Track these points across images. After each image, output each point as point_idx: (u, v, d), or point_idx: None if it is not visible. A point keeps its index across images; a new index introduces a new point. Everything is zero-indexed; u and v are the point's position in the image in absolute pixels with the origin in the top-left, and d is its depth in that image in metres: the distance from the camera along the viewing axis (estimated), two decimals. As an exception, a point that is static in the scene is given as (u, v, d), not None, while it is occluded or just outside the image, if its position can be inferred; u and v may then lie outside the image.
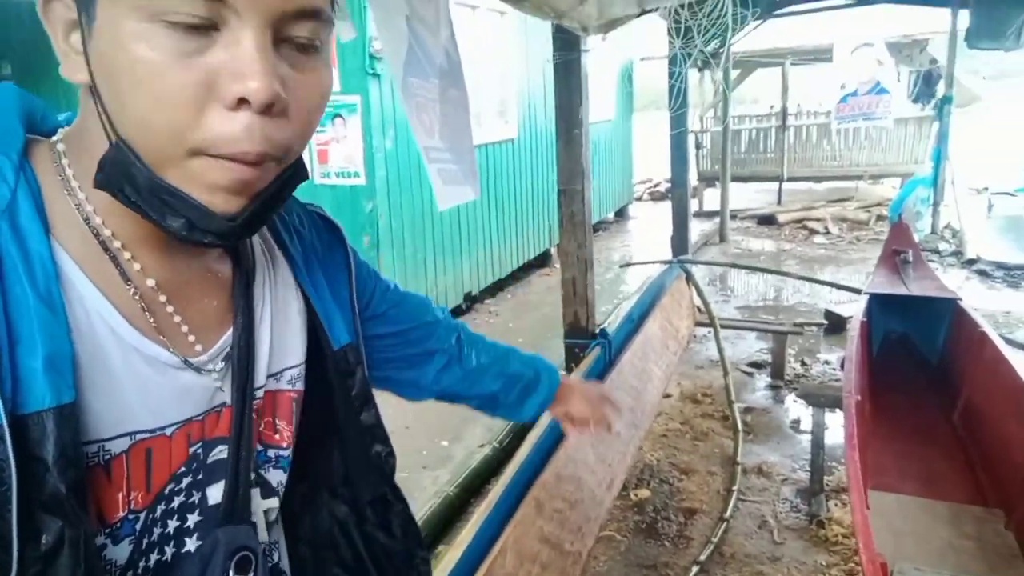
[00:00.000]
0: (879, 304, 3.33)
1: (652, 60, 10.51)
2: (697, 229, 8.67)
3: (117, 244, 0.60)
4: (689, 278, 4.99)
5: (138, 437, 0.60)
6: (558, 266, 7.95)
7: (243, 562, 0.65)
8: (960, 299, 3.25)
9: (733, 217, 9.51)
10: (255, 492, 0.71)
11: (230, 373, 0.68)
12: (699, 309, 5.01)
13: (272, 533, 0.75)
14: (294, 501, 0.80)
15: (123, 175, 0.54)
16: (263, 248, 0.76)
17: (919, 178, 8.32)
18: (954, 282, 6.17)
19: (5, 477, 0.49)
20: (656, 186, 12.84)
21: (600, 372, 3.30)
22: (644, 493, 3.50)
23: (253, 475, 0.70)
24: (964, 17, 7.26)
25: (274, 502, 0.75)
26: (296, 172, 0.62)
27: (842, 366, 4.88)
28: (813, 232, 9.16)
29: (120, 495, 0.59)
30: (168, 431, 0.62)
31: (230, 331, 0.69)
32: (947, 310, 3.28)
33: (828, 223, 9.20)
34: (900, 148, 10.43)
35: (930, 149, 9.09)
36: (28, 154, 0.59)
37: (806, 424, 4.24)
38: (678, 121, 5.35)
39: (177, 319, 0.64)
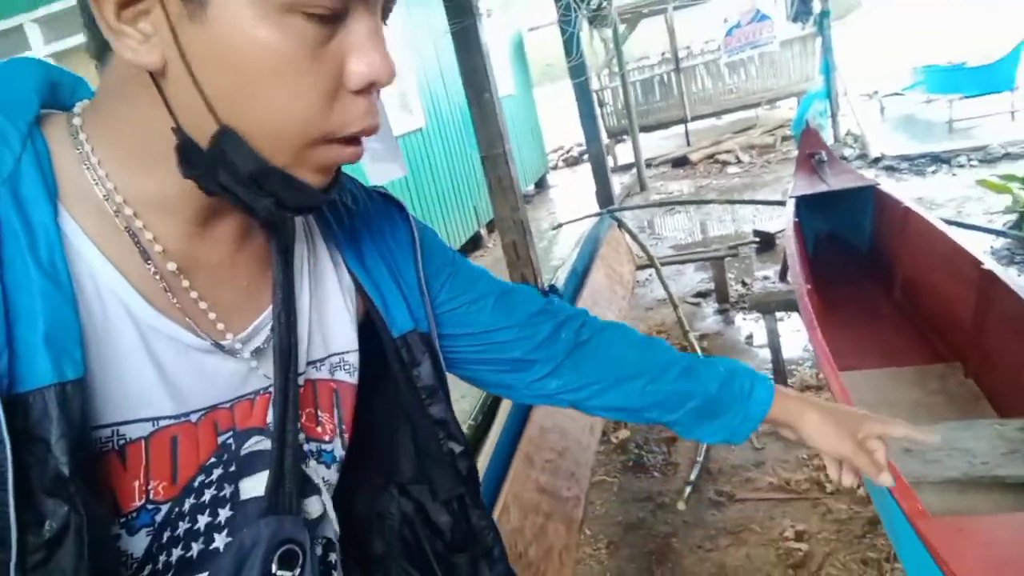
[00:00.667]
0: (805, 206, 3.47)
1: (539, 29, 10.60)
2: (616, 183, 8.81)
3: (139, 224, 0.57)
4: (621, 225, 5.08)
5: (161, 424, 0.56)
6: (491, 245, 8.00)
7: (288, 556, 0.60)
8: (878, 184, 3.41)
9: (648, 166, 9.71)
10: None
11: (267, 356, 0.64)
12: (637, 256, 5.11)
13: (319, 530, 0.69)
14: (357, 497, 0.76)
15: (224, 163, 0.53)
16: (304, 227, 0.72)
17: (813, 92, 8.66)
18: (865, 182, 6.47)
19: (1, 457, 0.45)
20: (568, 152, 13.00)
21: (558, 325, 3.34)
22: (624, 433, 3.56)
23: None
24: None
25: (316, 500, 0.68)
26: None
27: (780, 277, 5.08)
28: (726, 164, 9.44)
29: (136, 483, 0.55)
30: (193, 417, 0.58)
31: (266, 311, 0.65)
32: (868, 198, 3.44)
33: (738, 152, 9.50)
34: (790, 69, 10.83)
35: (818, 64, 9.46)
36: (42, 125, 0.56)
37: (758, 337, 4.40)
38: (580, 80, 5.41)
39: (201, 302, 0.60)
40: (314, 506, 0.68)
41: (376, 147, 2.21)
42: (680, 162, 10.15)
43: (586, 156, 12.03)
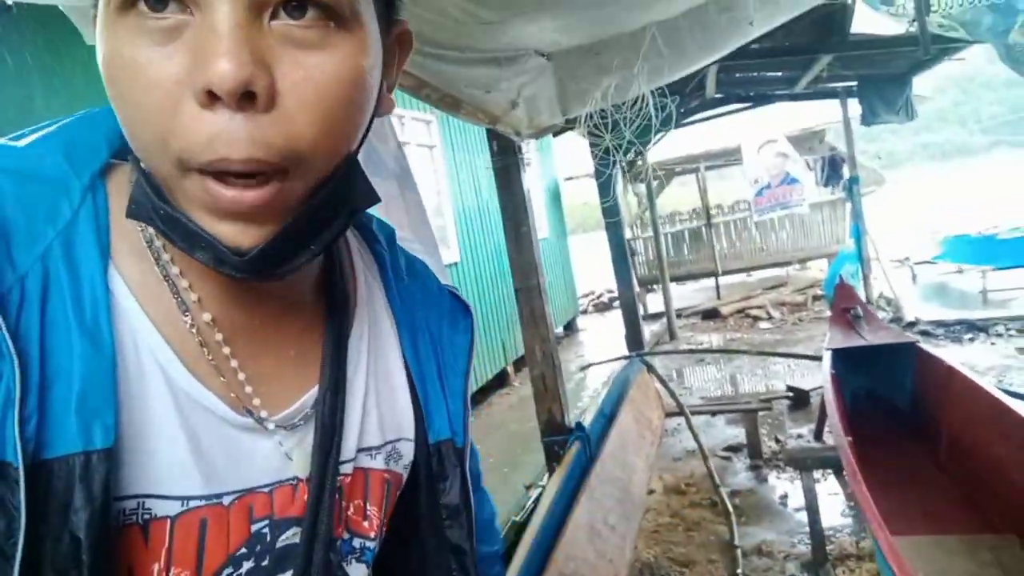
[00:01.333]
0: (842, 362, 3.39)
1: (575, 180, 11.06)
2: (646, 331, 8.80)
3: (185, 283, 0.53)
4: (651, 370, 5.01)
5: (191, 504, 0.51)
6: (517, 384, 7.91)
7: None
8: (919, 341, 3.34)
9: (678, 316, 9.72)
10: None
11: (309, 439, 0.58)
12: (666, 404, 5.00)
13: None
14: None
15: (145, 201, 0.48)
16: (368, 295, 0.67)
17: (845, 254, 8.75)
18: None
19: (14, 527, 0.42)
20: (599, 297, 13.15)
21: (583, 466, 3.21)
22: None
23: (334, 567, 0.59)
24: (852, 105, 7.96)
25: None
26: (342, 186, 0.50)
27: (816, 437, 4.90)
28: (756, 319, 9.41)
29: (156, 567, 0.49)
30: (225, 500, 0.53)
31: (313, 389, 0.59)
32: (909, 355, 3.36)
33: (769, 308, 9.49)
34: (820, 231, 11.06)
35: (848, 228, 9.63)
36: (108, 176, 0.54)
37: (794, 498, 4.17)
38: (613, 221, 5.56)
39: (236, 367, 0.55)
40: None
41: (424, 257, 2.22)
42: (711, 314, 10.16)
43: (616, 303, 12.15)
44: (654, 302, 10.68)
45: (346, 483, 0.61)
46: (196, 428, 0.52)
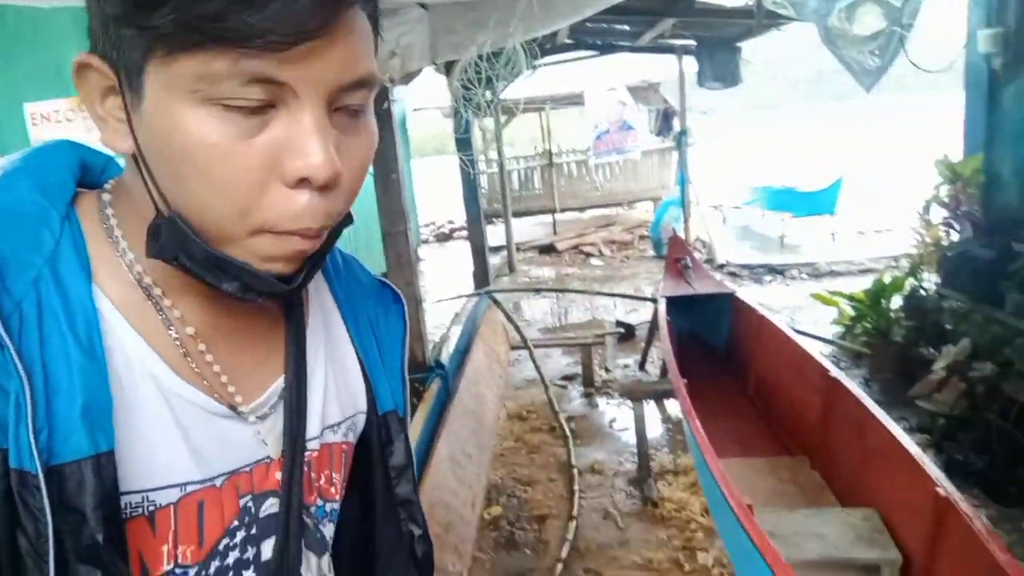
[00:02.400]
0: (672, 307, 3.83)
1: (424, 110, 10.96)
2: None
3: (158, 291, 0.60)
4: (498, 306, 5.29)
5: (188, 489, 0.58)
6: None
7: None
8: (736, 291, 3.85)
9: (517, 249, 10.12)
10: (309, 549, 0.68)
11: (280, 424, 0.66)
12: (510, 337, 5.32)
13: None
14: None
15: (178, 246, 0.54)
16: (317, 293, 0.75)
17: (670, 200, 9.50)
18: (713, 285, 7.17)
19: (41, 528, 0.48)
20: (440, 228, 13.26)
21: (442, 402, 3.43)
22: (496, 510, 3.65)
23: (312, 531, 0.68)
24: (687, 63, 8.51)
25: (328, 558, 0.72)
26: (343, 222, 0.61)
27: (640, 367, 5.46)
28: (589, 255, 10.04)
29: (165, 548, 0.57)
30: (217, 482, 0.61)
31: (279, 379, 0.67)
32: (726, 303, 3.86)
33: (600, 246, 10.14)
34: (649, 176, 11.88)
35: (674, 175, 10.41)
36: (76, 204, 0.60)
37: (620, 422, 4.70)
38: (467, 156, 5.68)
39: (216, 368, 0.63)
40: (325, 565, 0.71)
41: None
42: (547, 249, 10.67)
43: (455, 234, 12.32)
44: (495, 235, 10.99)
45: (314, 458, 0.69)
46: (187, 423, 0.59)
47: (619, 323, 6.33)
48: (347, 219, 0.61)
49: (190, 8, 0.46)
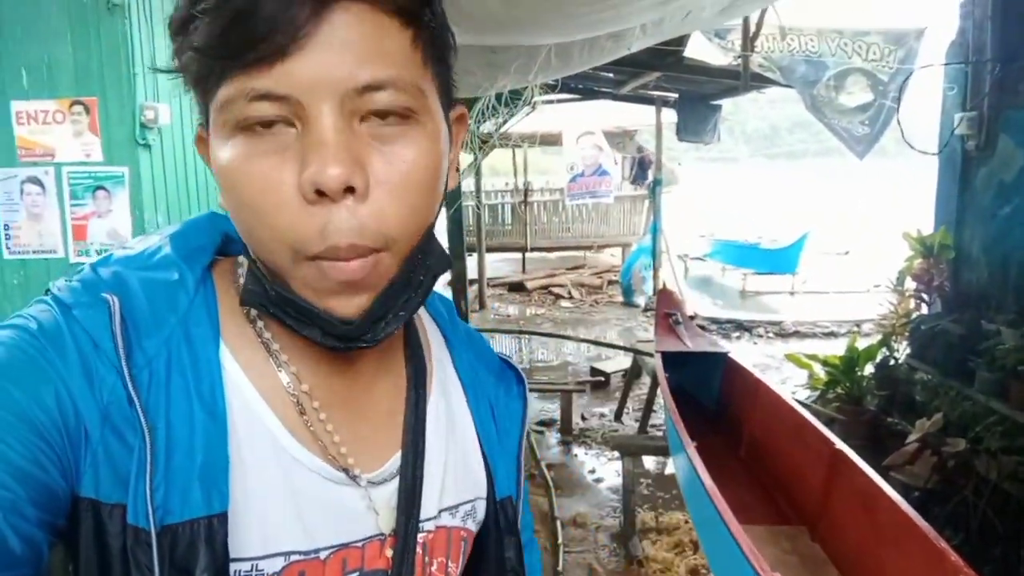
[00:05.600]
0: (662, 362, 3.85)
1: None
2: (457, 298, 9.08)
3: (284, 358, 0.59)
4: (479, 346, 5.25)
5: (292, 559, 0.56)
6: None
7: None
8: (729, 352, 3.89)
9: (488, 285, 10.12)
10: None
11: (395, 499, 0.63)
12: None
13: None
14: None
15: (260, 291, 0.55)
16: (439, 366, 0.72)
17: (642, 247, 9.65)
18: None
19: None
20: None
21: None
22: (478, 560, 3.59)
23: None
24: (666, 114, 8.73)
25: None
26: (425, 255, 0.57)
27: (616, 417, 5.46)
28: (559, 297, 10.09)
29: None
30: (322, 555, 0.58)
31: (399, 453, 0.64)
32: (719, 362, 3.90)
33: (570, 288, 10.20)
34: (620, 221, 12.05)
35: (646, 223, 10.59)
36: (213, 270, 0.62)
37: (600, 472, 4.68)
38: (453, 199, 5.67)
39: (334, 435, 0.61)
40: None
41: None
42: (516, 287, 10.69)
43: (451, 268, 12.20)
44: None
45: (429, 540, 0.65)
46: (299, 487, 0.57)
47: (594, 370, 6.34)
48: (439, 261, 0.59)
49: (194, 42, 0.49)
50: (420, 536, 0.64)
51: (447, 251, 0.66)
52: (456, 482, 0.69)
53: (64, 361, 0.51)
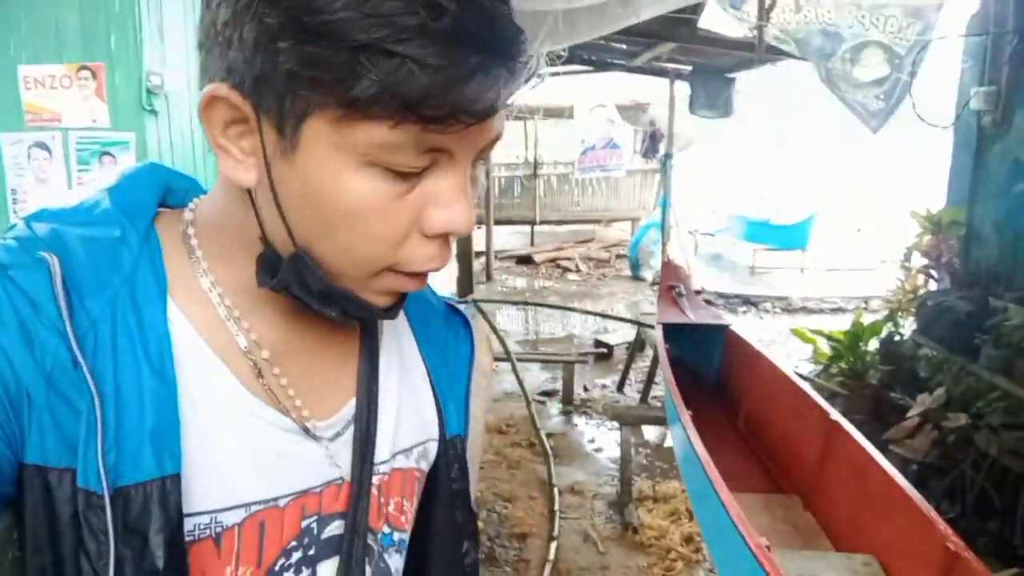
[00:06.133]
0: (665, 333, 3.86)
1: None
2: (464, 270, 9.09)
3: (236, 313, 0.60)
4: (483, 316, 5.26)
5: (253, 509, 0.58)
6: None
7: None
8: (731, 325, 3.89)
9: (495, 257, 10.11)
10: (370, 573, 0.67)
11: (350, 445, 0.65)
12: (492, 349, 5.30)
13: None
14: None
15: (295, 278, 0.56)
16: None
17: (651, 222, 9.60)
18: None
19: (104, 550, 0.49)
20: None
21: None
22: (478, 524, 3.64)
23: (376, 557, 0.67)
24: (679, 87, 8.63)
25: None
26: None
27: (618, 388, 5.48)
28: (566, 270, 10.08)
29: (228, 569, 0.57)
30: (281, 502, 0.60)
31: (353, 400, 0.67)
32: (720, 334, 3.90)
33: (578, 262, 10.18)
34: (630, 195, 11.96)
35: (656, 197, 10.53)
36: (157, 223, 0.61)
37: (599, 442, 4.72)
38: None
39: (289, 389, 0.62)
40: None
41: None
42: (524, 260, 10.68)
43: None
44: (474, 241, 10.99)
45: (384, 482, 0.68)
46: (257, 440, 0.59)
47: (598, 342, 6.36)
48: None
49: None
50: (376, 479, 0.66)
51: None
52: (410, 425, 0.71)
53: (1, 325, 0.50)
